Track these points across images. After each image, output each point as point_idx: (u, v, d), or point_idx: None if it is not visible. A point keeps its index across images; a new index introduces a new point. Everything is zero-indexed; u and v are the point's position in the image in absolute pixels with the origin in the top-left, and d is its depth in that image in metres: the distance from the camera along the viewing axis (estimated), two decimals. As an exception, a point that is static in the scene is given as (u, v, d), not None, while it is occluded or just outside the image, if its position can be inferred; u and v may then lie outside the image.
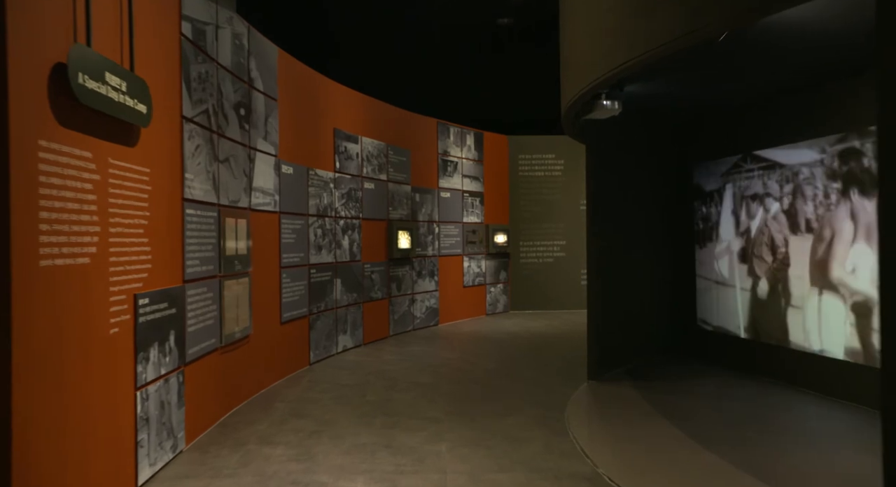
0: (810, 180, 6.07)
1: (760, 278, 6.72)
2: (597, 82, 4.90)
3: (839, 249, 5.75)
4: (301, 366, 7.39)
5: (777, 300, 6.51)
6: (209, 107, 5.12)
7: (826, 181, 5.89)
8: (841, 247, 5.73)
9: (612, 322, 7.00)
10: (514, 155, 13.09)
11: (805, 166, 6.12)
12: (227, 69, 5.58)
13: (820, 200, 5.96)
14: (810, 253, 6.09)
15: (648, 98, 6.30)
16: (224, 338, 5.38)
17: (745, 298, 6.95)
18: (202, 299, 4.94)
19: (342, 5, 11.03)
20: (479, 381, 6.80)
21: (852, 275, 5.61)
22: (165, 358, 4.22)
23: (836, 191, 5.79)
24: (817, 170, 5.98)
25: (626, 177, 7.31)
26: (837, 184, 5.77)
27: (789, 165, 6.31)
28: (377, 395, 6.20)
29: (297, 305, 7.25)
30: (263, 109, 6.49)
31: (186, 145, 4.65)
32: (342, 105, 8.67)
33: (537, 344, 9.16)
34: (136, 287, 3.84)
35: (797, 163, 6.21)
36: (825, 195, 5.91)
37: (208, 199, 5.08)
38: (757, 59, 5.11)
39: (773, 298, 6.56)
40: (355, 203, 8.85)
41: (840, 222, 5.74)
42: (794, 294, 6.29)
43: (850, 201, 5.65)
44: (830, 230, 5.85)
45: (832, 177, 5.82)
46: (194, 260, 4.79)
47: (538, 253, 13.09)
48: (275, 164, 6.76)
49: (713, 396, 6.14)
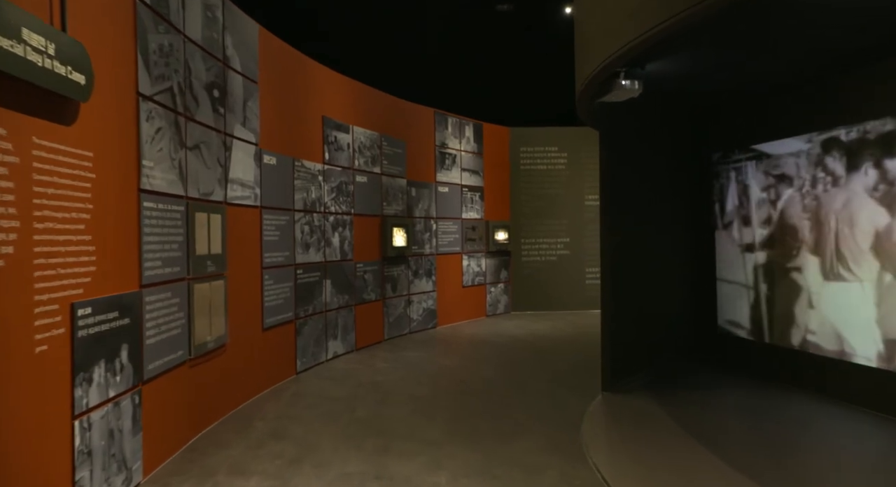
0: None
1: (785, 277, 6.09)
2: (625, 49, 4.25)
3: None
4: (286, 376, 6.74)
5: (809, 300, 5.88)
6: (174, 84, 4.46)
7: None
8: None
9: (628, 325, 6.37)
10: (516, 147, 12.43)
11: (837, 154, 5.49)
12: (197, 44, 4.91)
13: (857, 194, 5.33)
14: (854, 251, 5.46)
15: (669, 80, 5.66)
16: (194, 349, 4.73)
17: (770, 298, 6.32)
18: (166, 306, 4.29)
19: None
20: (482, 393, 6.16)
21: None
22: (115, 378, 3.57)
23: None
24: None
25: (643, 166, 6.66)
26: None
27: (819, 154, 5.68)
28: (368, 411, 5.55)
29: (281, 309, 6.60)
30: (241, 92, 5.82)
31: (144, 127, 3.99)
32: (332, 91, 8.00)
33: (542, 349, 8.52)
34: (74, 294, 3.18)
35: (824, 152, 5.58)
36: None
37: (173, 191, 4.42)
38: (791, 33, 4.50)
39: (803, 298, 5.93)
40: (346, 197, 8.19)
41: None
42: (824, 293, 5.67)
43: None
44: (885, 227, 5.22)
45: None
46: (155, 260, 4.13)
47: (541, 251, 12.45)
48: (255, 154, 6.10)
49: (746, 411, 5.52)
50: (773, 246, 6.32)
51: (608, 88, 5.16)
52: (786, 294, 6.16)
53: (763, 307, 6.45)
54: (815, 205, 5.81)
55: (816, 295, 5.82)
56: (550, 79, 12.59)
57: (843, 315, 5.54)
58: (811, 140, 5.85)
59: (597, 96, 5.38)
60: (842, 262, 5.57)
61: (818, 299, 5.81)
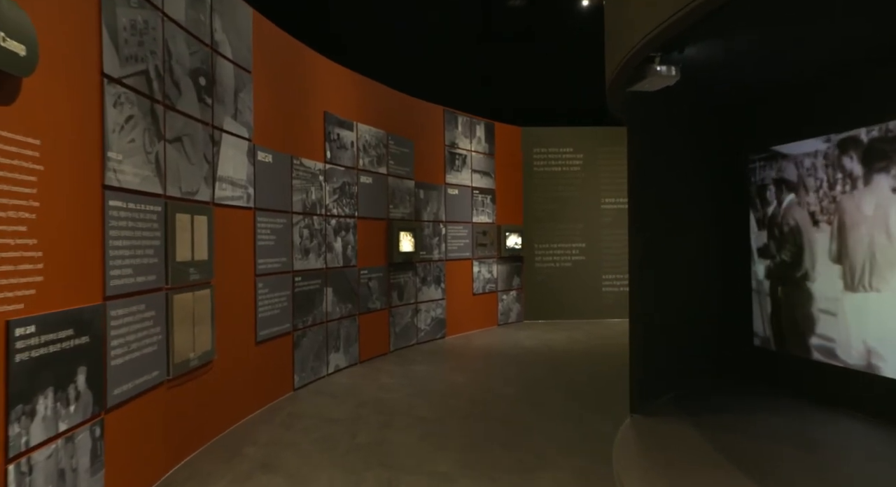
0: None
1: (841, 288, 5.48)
2: (663, 26, 3.69)
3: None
4: (283, 393, 6.17)
5: (867, 313, 5.27)
6: (149, 67, 3.91)
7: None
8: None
9: (658, 339, 5.76)
10: (529, 148, 11.84)
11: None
12: (180, 24, 4.37)
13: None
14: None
15: (704, 69, 5.08)
16: (173, 369, 4.17)
17: (827, 309, 5.71)
18: (137, 320, 3.73)
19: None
20: (497, 416, 5.57)
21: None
22: (68, 408, 3.01)
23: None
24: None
25: (675, 164, 6.07)
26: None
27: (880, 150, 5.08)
28: (370, 435, 4.97)
29: (277, 320, 6.04)
30: (233, 82, 5.28)
31: (110, 114, 3.44)
32: (334, 85, 7.46)
33: (560, 362, 7.92)
34: (10, 310, 2.63)
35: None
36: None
37: (148, 189, 3.88)
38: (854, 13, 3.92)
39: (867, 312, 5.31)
40: (350, 199, 7.63)
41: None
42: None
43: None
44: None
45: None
46: (124, 268, 3.58)
47: (555, 257, 11.84)
48: (248, 150, 5.55)
49: (794, 436, 4.89)
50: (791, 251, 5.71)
51: (642, 75, 4.58)
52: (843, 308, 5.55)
53: (819, 316, 5.84)
54: (852, 208, 5.22)
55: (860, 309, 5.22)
56: (566, 76, 12.03)
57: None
58: (829, 140, 5.29)
59: (629, 84, 4.79)
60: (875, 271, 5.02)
61: (867, 313, 5.20)
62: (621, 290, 11.56)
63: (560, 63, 12.12)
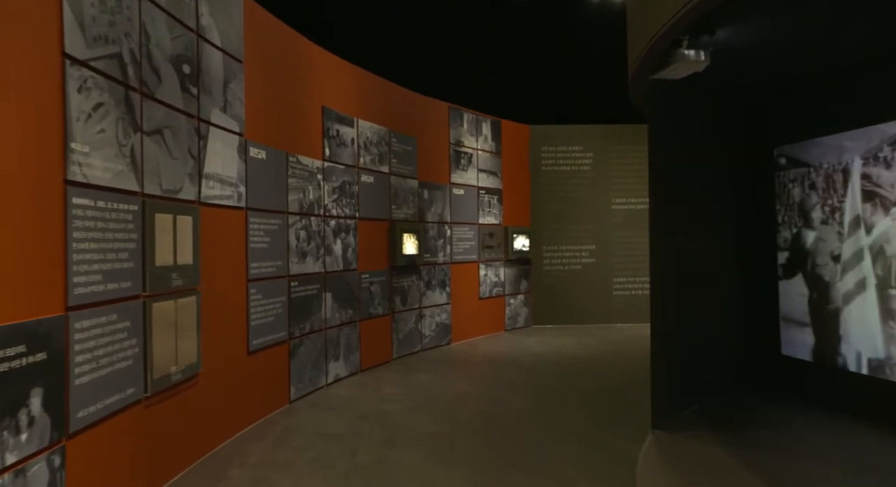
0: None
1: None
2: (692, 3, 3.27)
3: None
4: (277, 407, 5.77)
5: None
6: (123, 50, 3.52)
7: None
8: None
9: (681, 349, 5.35)
10: (537, 147, 11.42)
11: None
12: (159, 5, 3.98)
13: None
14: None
15: (739, 52, 4.67)
16: (152, 384, 3.77)
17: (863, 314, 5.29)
18: (108, 332, 3.33)
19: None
20: (508, 431, 5.15)
21: None
22: (19, 436, 2.61)
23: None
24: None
25: (699, 162, 5.67)
26: None
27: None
28: (371, 455, 4.56)
29: (271, 328, 5.63)
30: (221, 72, 4.89)
31: (73, 100, 3.05)
32: (333, 79, 7.06)
33: (571, 371, 7.50)
34: (-58, 325, 2.23)
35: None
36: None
37: (122, 185, 3.48)
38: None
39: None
40: (350, 199, 7.23)
41: None
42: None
43: None
44: None
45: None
46: (91, 274, 3.18)
47: (564, 260, 11.42)
48: (239, 146, 5.15)
49: (830, 454, 4.46)
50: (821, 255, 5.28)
51: (668, 61, 4.18)
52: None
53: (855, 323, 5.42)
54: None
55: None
56: (575, 73, 11.62)
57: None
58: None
59: (653, 71, 4.38)
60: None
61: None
62: (632, 294, 11.15)
63: (572, 59, 11.71)
